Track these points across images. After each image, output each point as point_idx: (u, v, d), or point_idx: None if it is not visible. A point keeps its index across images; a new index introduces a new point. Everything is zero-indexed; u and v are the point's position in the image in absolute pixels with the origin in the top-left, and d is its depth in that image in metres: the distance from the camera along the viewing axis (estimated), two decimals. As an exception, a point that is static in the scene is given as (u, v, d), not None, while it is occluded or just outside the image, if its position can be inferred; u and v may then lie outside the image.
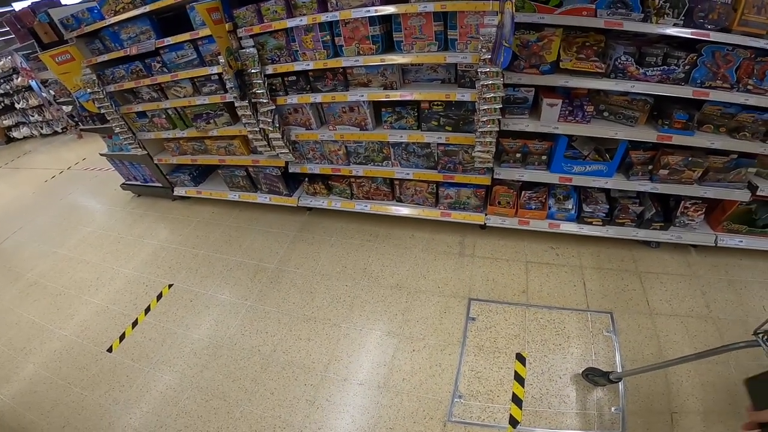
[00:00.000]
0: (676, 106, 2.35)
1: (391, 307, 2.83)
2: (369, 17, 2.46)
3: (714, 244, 2.77)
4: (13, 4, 6.69)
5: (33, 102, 8.82)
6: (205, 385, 2.59)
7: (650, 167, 2.62)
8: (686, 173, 2.53)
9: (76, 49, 3.55)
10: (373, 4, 2.40)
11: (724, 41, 2.03)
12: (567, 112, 2.48)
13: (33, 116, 9.39)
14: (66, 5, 4.10)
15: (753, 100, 2.16)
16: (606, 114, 2.55)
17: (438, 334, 2.60)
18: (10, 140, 10.54)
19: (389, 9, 2.36)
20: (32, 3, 4.11)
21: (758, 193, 2.48)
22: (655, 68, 2.22)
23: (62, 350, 3.10)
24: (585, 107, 2.45)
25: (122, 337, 3.08)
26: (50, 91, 7.07)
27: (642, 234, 2.86)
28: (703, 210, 2.72)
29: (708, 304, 2.55)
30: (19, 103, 9.07)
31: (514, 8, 1.86)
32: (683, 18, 2.03)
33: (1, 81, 8.81)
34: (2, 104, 9.48)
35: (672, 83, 2.24)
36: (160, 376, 2.72)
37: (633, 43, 2.25)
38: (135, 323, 3.18)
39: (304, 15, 2.59)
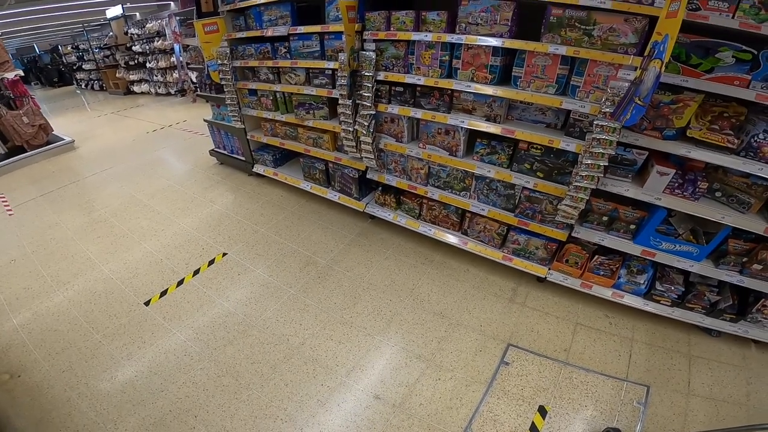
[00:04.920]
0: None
1: (428, 333, 2.71)
2: (494, 47, 2.50)
3: (778, 343, 2.47)
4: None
5: (162, 64, 9.94)
6: (224, 361, 2.57)
7: (744, 259, 2.35)
8: (780, 271, 2.25)
9: (223, 22, 3.97)
10: (502, 36, 2.42)
11: None
12: (676, 184, 2.30)
13: (156, 76, 10.57)
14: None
15: None
16: (718, 194, 2.33)
17: (467, 370, 2.46)
18: (129, 92, 11.97)
19: (518, 43, 2.38)
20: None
21: None
22: (793, 152, 1.98)
23: (102, 293, 3.19)
24: (698, 183, 2.25)
25: (163, 293, 3.15)
26: (187, 55, 7.94)
27: (708, 322, 2.58)
28: (781, 309, 2.41)
29: (749, 393, 2.33)
30: (150, 63, 10.27)
31: (663, 68, 1.77)
32: None
33: (145, 41, 10.08)
34: (136, 61, 10.82)
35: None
36: (183, 341, 2.73)
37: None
38: (180, 282, 3.27)
39: (430, 32, 2.67)
